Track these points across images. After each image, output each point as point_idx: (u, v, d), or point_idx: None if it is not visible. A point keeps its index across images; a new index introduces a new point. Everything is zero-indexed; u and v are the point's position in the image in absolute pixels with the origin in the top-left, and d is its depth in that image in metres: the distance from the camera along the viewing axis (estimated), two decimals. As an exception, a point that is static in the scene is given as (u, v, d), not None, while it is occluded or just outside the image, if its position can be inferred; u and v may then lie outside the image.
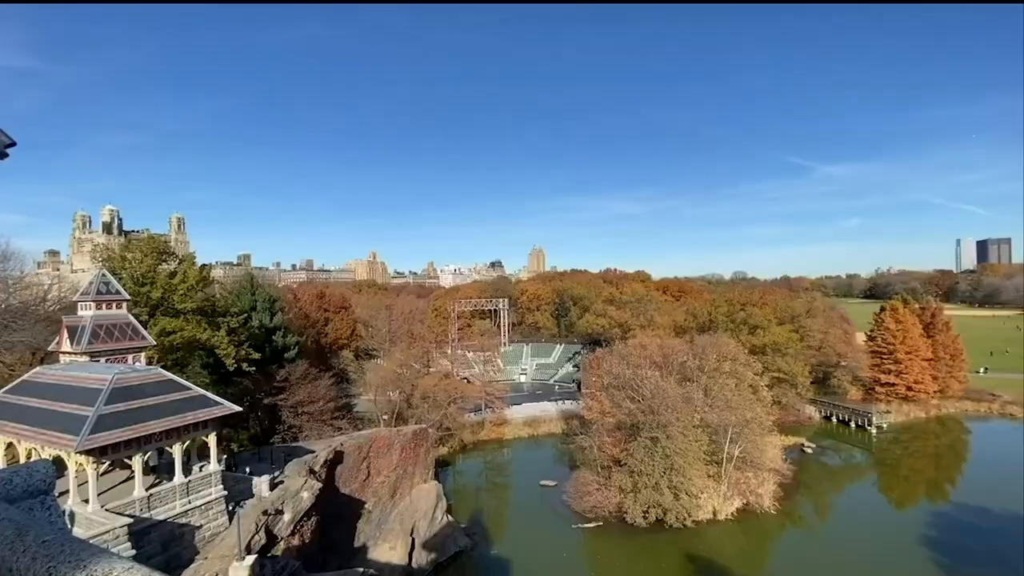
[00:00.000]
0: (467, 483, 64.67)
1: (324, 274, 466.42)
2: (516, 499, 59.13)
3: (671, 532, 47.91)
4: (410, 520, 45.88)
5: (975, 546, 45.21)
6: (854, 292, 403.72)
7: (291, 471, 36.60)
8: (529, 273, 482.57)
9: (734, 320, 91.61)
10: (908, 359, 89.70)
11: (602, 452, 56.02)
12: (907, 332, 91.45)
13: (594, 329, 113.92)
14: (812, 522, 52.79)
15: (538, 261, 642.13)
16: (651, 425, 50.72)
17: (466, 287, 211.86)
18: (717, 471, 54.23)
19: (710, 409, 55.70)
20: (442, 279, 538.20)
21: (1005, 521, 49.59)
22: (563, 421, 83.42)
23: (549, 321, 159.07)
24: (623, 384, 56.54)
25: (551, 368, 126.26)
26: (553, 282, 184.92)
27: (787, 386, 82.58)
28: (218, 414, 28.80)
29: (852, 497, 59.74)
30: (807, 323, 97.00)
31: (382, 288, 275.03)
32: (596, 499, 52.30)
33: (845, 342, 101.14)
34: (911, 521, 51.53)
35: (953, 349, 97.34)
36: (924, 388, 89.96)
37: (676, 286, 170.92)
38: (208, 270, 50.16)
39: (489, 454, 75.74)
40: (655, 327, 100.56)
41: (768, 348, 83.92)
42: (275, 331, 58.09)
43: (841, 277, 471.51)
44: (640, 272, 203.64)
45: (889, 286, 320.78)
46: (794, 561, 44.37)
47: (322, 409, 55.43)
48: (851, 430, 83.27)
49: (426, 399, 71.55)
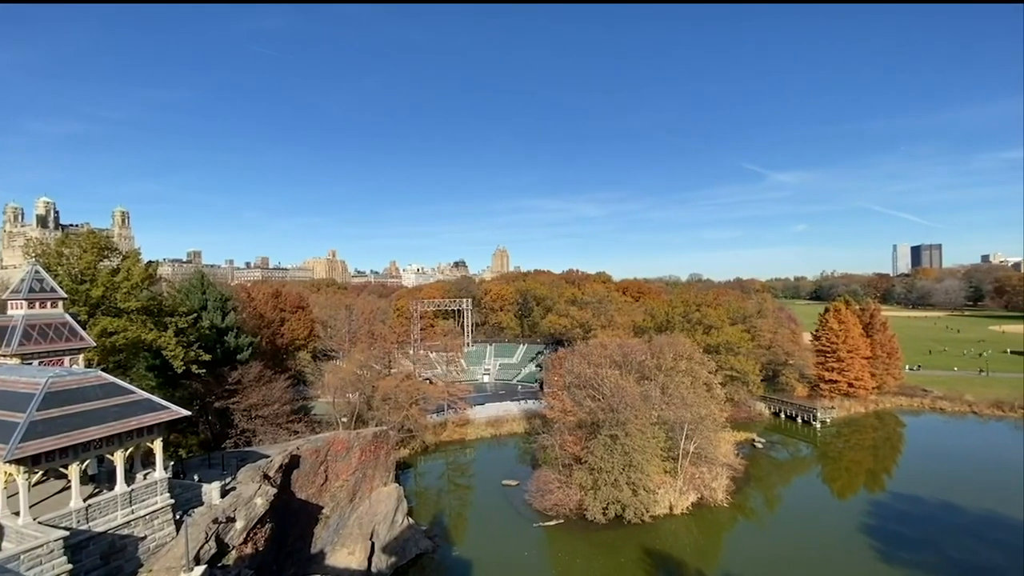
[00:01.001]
0: (429, 485, 64.10)
1: (280, 272, 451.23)
2: (478, 499, 59.04)
3: (629, 527, 49.05)
4: (369, 524, 45.07)
5: (909, 532, 48.43)
6: (801, 294, 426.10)
7: (244, 477, 35.26)
8: (493, 273, 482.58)
9: (690, 320, 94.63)
10: (849, 357, 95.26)
11: (563, 450, 56.74)
12: (849, 332, 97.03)
13: (557, 329, 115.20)
14: (762, 514, 55.11)
15: (502, 261, 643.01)
16: (611, 423, 51.75)
17: (429, 287, 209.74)
18: (673, 467, 55.95)
19: (667, 407, 57.35)
20: (405, 279, 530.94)
21: (935, 508, 53.45)
22: (526, 420, 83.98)
23: (512, 321, 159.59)
24: (584, 383, 57.42)
25: (514, 368, 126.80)
26: (517, 282, 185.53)
27: (739, 384, 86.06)
28: (164, 418, 27.40)
29: (798, 489, 62.82)
30: (758, 323, 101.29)
31: (342, 287, 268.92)
32: (557, 497, 52.91)
33: (793, 341, 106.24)
34: (852, 510, 54.69)
35: (890, 348, 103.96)
36: (864, 384, 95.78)
37: (636, 287, 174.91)
38: (155, 267, 47.60)
39: (451, 455, 75.32)
40: (615, 327, 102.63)
41: (721, 347, 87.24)
42: (227, 331, 55.81)
43: (789, 280, 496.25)
44: (601, 273, 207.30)
45: (833, 288, 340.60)
46: (745, 552, 46.24)
47: (277, 412, 53.58)
48: (798, 425, 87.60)
49: (387, 401, 70.42)
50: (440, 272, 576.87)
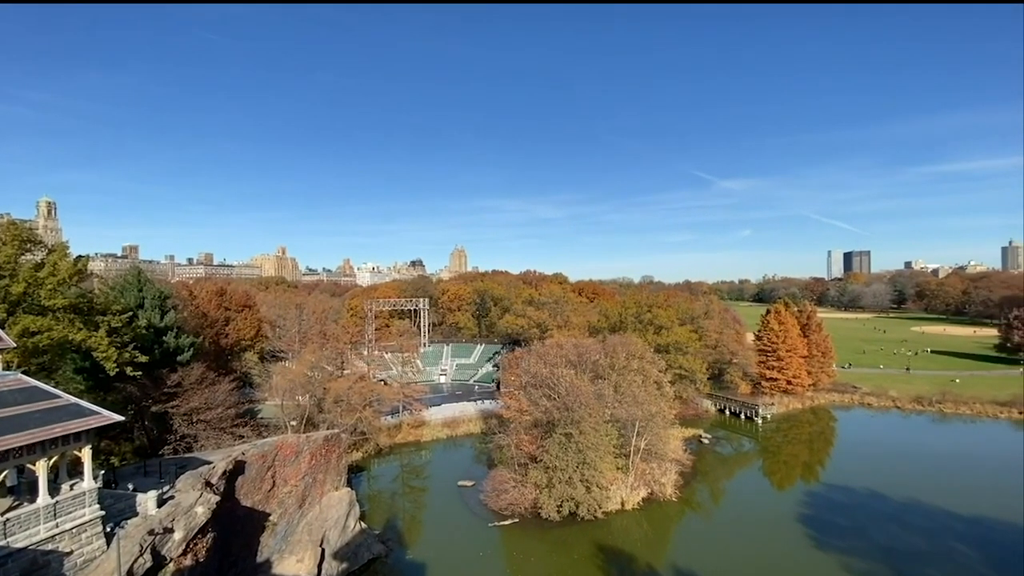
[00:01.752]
0: (383, 488, 62.88)
1: (226, 269, 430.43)
2: (433, 501, 58.45)
3: (583, 524, 49.95)
4: (320, 530, 43.75)
5: (840, 520, 51.74)
6: (745, 296, 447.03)
7: (183, 485, 33.46)
8: (451, 273, 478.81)
9: (642, 321, 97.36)
10: (788, 356, 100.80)
11: (519, 450, 57.09)
12: (788, 332, 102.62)
13: (514, 329, 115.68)
14: (708, 507, 57.44)
15: (460, 261, 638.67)
16: (566, 422, 52.53)
17: (385, 286, 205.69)
18: (625, 463, 57.43)
19: (619, 405, 58.78)
20: (359, 277, 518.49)
21: (863, 497, 57.39)
22: (482, 421, 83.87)
23: (470, 321, 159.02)
24: (540, 383, 57.99)
25: (471, 368, 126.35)
26: (474, 282, 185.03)
27: (687, 382, 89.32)
28: (94, 424, 25.58)
29: (742, 482, 65.85)
30: (705, 324, 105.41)
31: (292, 286, 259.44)
32: (513, 496, 53.16)
33: (737, 341, 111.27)
34: (790, 501, 57.89)
35: (824, 347, 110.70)
36: (801, 382, 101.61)
37: (591, 288, 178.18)
38: (85, 262, 44.20)
39: (406, 457, 74.21)
40: (571, 327, 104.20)
41: (671, 347, 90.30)
42: (166, 331, 52.71)
43: (734, 282, 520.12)
44: (558, 274, 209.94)
45: (774, 291, 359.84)
46: (692, 544, 48.05)
47: (221, 416, 51.10)
48: (741, 421, 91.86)
49: (339, 403, 68.53)
50: (396, 271, 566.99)
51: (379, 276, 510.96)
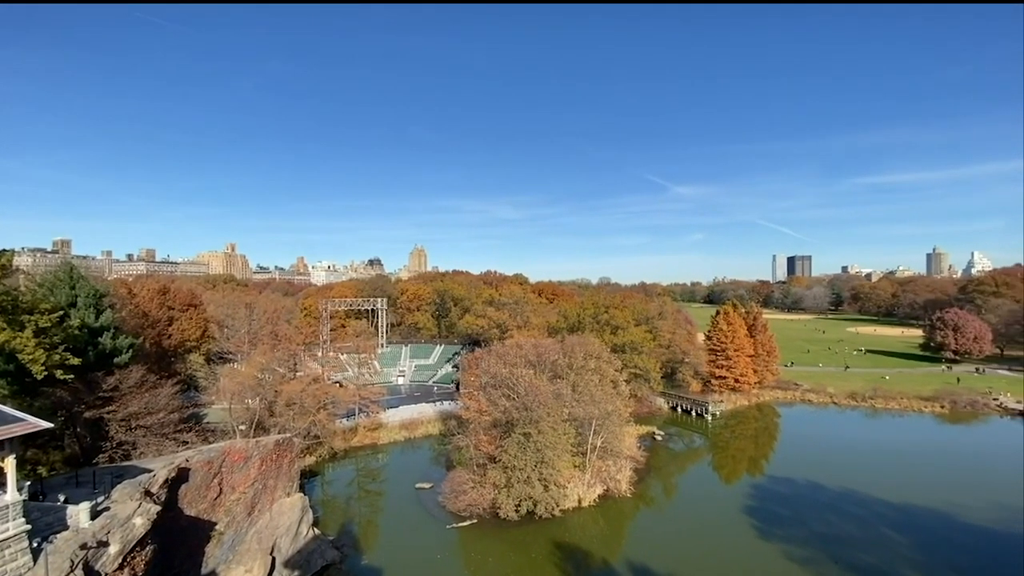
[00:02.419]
0: (337, 493, 61.31)
1: (170, 266, 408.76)
2: (390, 505, 57.51)
3: (541, 523, 50.47)
4: (270, 538, 42.25)
5: (782, 511, 54.51)
6: (696, 297, 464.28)
7: (120, 495, 31.54)
8: (410, 272, 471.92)
9: (599, 321, 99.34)
10: (736, 355, 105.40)
11: (478, 450, 57.04)
12: (736, 333, 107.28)
13: (474, 329, 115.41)
14: (661, 501, 59.21)
15: (419, 260, 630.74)
16: (525, 421, 52.92)
17: (341, 285, 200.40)
18: (582, 461, 58.47)
19: (577, 404, 59.79)
20: (314, 276, 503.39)
21: (803, 488, 60.73)
22: (441, 422, 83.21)
23: (429, 322, 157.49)
24: (500, 383, 58.16)
25: (430, 369, 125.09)
26: (434, 282, 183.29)
27: (642, 381, 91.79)
28: (18, 432, 23.73)
29: (693, 477, 68.31)
30: (659, 324, 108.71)
31: (242, 284, 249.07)
32: (471, 497, 53.04)
33: (689, 341, 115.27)
34: (737, 493, 60.53)
35: (769, 347, 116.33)
36: (747, 380, 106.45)
37: (550, 289, 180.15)
38: (9, 257, 40.81)
39: (362, 461, 72.65)
40: (531, 327, 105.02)
41: (627, 347, 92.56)
42: (102, 332, 49.43)
43: (687, 284, 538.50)
44: (518, 275, 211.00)
45: (723, 293, 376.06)
46: (646, 538, 49.44)
47: (163, 421, 48.42)
48: (692, 418, 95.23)
49: (291, 406, 66.30)
50: (353, 270, 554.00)
51: (335, 275, 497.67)
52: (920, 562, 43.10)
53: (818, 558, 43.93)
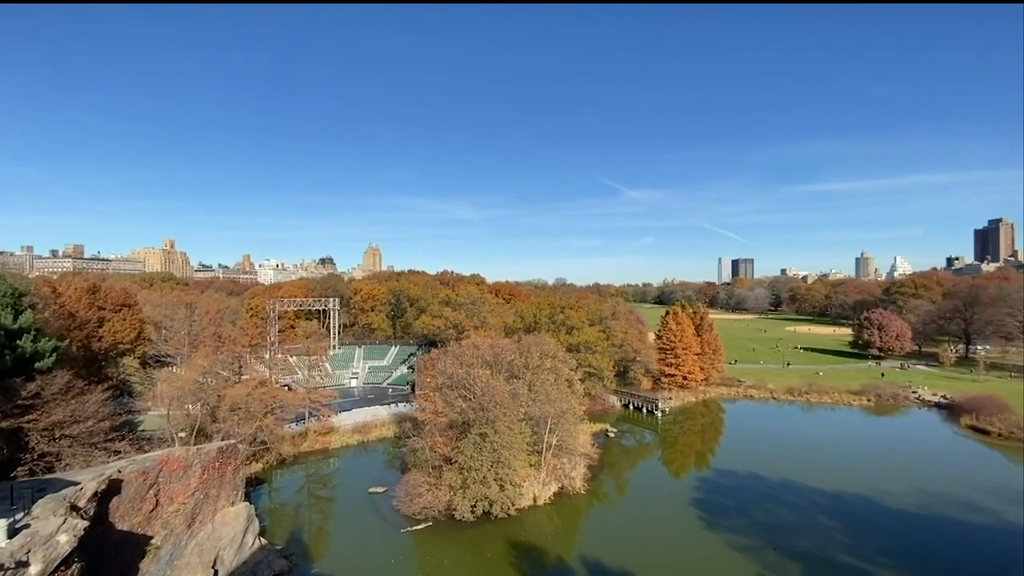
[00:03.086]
0: (286, 500, 59.07)
1: (100, 264, 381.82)
2: (342, 511, 55.99)
3: (496, 523, 50.57)
4: (212, 550, 40.21)
5: (727, 502, 57.04)
6: (648, 298, 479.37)
7: (42, 511, 29.18)
8: (364, 272, 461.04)
9: (555, 321, 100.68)
10: (684, 354, 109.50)
11: (434, 452, 56.48)
12: (684, 332, 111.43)
13: (430, 330, 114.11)
14: (614, 497, 60.62)
15: (374, 260, 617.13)
16: (481, 421, 52.87)
17: (291, 284, 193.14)
18: (538, 460, 59.04)
19: (533, 403, 60.31)
20: (261, 275, 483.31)
21: (746, 479, 63.82)
22: (396, 424, 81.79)
23: (384, 322, 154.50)
24: (456, 383, 57.83)
25: (385, 371, 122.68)
26: (389, 282, 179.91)
27: (596, 379, 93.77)
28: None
29: (644, 472, 70.37)
30: (612, 324, 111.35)
31: (182, 283, 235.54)
32: (427, 500, 52.46)
33: (640, 340, 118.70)
34: (685, 487, 62.87)
35: (715, 345, 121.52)
36: (695, 377, 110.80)
37: (507, 289, 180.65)
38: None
39: (313, 466, 70.31)
40: (487, 328, 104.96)
41: (581, 346, 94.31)
42: (21, 334, 45.45)
43: (639, 285, 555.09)
44: (475, 275, 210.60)
45: (673, 294, 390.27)
46: (599, 534, 50.48)
47: (91, 430, 45.19)
48: (643, 415, 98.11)
49: (236, 411, 63.35)
50: (304, 269, 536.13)
51: (284, 274, 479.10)
52: (850, 545, 46.27)
53: (759, 546, 46.31)
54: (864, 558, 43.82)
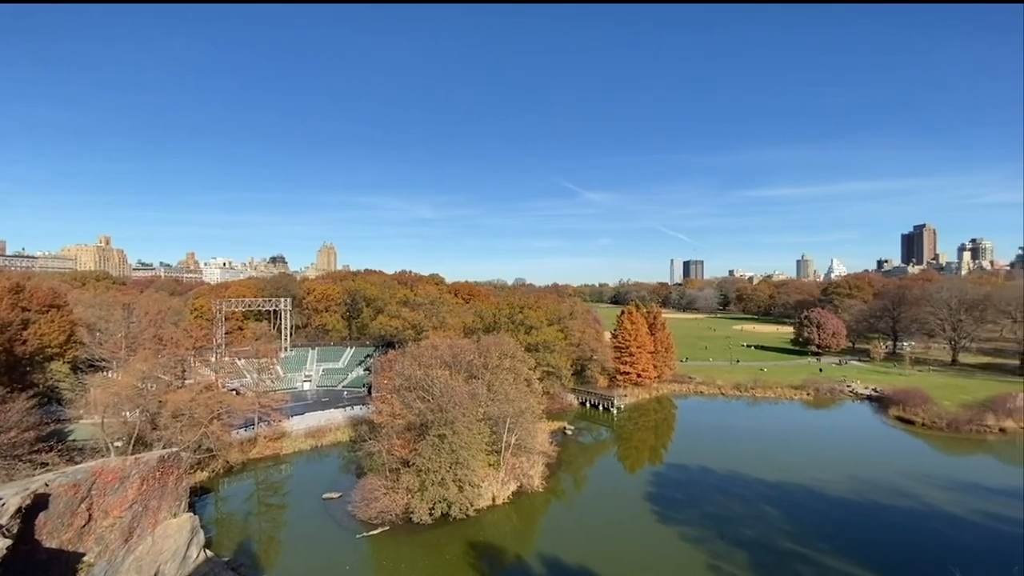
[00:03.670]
0: (234, 509, 56.57)
1: (25, 261, 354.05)
2: (294, 518, 54.18)
3: (455, 524, 50.34)
4: (152, 565, 38.07)
5: (678, 495, 59.08)
6: (604, 298, 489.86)
7: (-43, 531, 26.75)
8: (318, 271, 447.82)
9: (514, 321, 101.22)
10: (639, 352, 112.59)
11: (391, 455, 55.60)
12: (638, 331, 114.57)
13: (387, 331, 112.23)
14: (571, 494, 61.55)
15: (328, 259, 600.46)
16: (440, 423, 52.47)
17: (239, 284, 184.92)
18: (497, 459, 59.20)
19: (492, 403, 60.41)
20: (207, 274, 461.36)
21: (696, 473, 66.31)
22: (351, 428, 79.86)
23: (339, 323, 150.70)
24: (415, 385, 57.17)
25: (340, 373, 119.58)
26: (345, 282, 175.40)
27: (554, 378, 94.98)
28: None
29: (600, 468, 71.82)
30: (570, 324, 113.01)
31: (118, 282, 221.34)
32: (383, 504, 51.56)
33: (597, 339, 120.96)
34: (639, 482, 64.65)
35: (667, 344, 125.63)
36: (648, 375, 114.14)
37: (467, 289, 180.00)
38: None
39: (263, 473, 67.68)
40: (447, 328, 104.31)
41: (540, 345, 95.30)
42: (-69, 339, 41.49)
43: (595, 286, 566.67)
44: (434, 275, 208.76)
45: (628, 294, 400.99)
46: (557, 531, 51.18)
47: (15, 441, 41.93)
48: (600, 412, 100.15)
49: (179, 417, 60.13)
50: (253, 268, 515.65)
51: (232, 273, 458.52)
52: (791, 532, 48.98)
53: (708, 536, 48.27)
54: (804, 543, 46.50)
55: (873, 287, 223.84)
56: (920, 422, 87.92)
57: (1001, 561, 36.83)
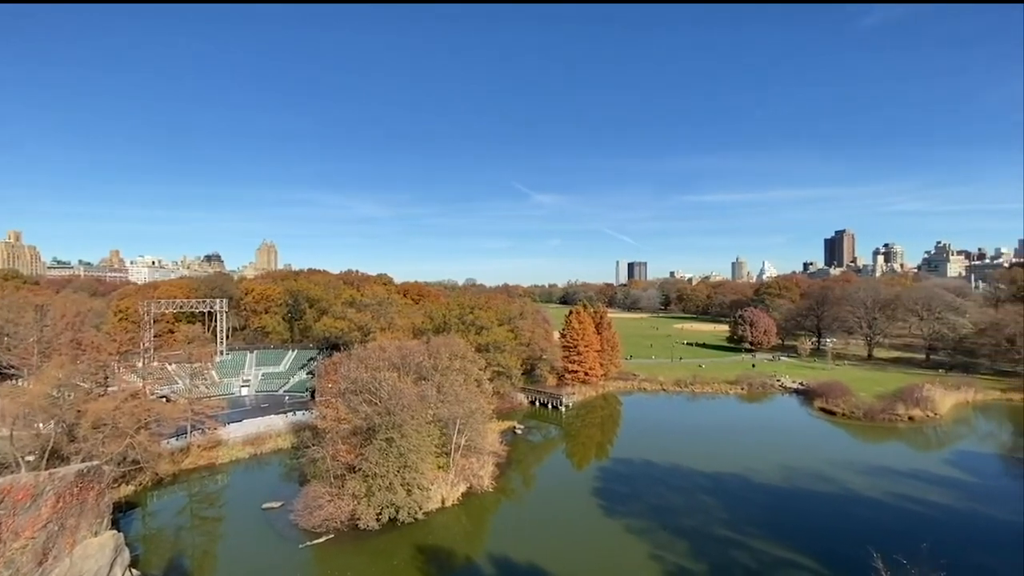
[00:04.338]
0: (164, 524, 53.12)
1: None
2: (232, 531, 51.56)
3: (404, 528, 49.65)
4: (71, 588, 35.12)
5: (623, 489, 61.06)
6: (553, 298, 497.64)
7: None
8: (257, 270, 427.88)
9: (464, 322, 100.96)
10: (586, 351, 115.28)
11: (336, 461, 54.06)
12: (586, 330, 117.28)
13: (332, 333, 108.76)
14: (521, 493, 62.16)
15: (268, 257, 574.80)
16: (387, 426, 51.56)
17: (169, 284, 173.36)
18: (446, 461, 58.88)
19: (442, 404, 60.03)
20: (133, 273, 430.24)
21: (640, 467, 68.78)
22: (293, 434, 76.90)
23: (280, 325, 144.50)
24: (361, 388, 55.84)
25: (281, 377, 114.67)
26: (286, 281, 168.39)
27: (504, 378, 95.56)
28: None
29: (549, 466, 73.00)
30: (520, 324, 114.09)
31: (30, 282, 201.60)
32: (328, 511, 50.04)
33: (546, 339, 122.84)
34: (587, 477, 66.29)
35: (613, 342, 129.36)
36: (595, 373, 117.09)
37: (416, 290, 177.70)
38: None
39: (197, 484, 63.91)
40: (395, 329, 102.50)
41: (491, 346, 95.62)
42: None
43: (545, 286, 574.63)
44: (383, 275, 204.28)
45: (576, 294, 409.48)
46: (507, 530, 51.56)
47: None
48: (549, 410, 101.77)
49: (101, 428, 55.67)
50: (186, 267, 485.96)
51: (162, 272, 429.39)
52: (727, 520, 51.85)
53: (651, 527, 50.27)
54: (738, 530, 49.39)
55: (800, 288, 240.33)
56: (841, 412, 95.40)
57: (913, 538, 40.62)
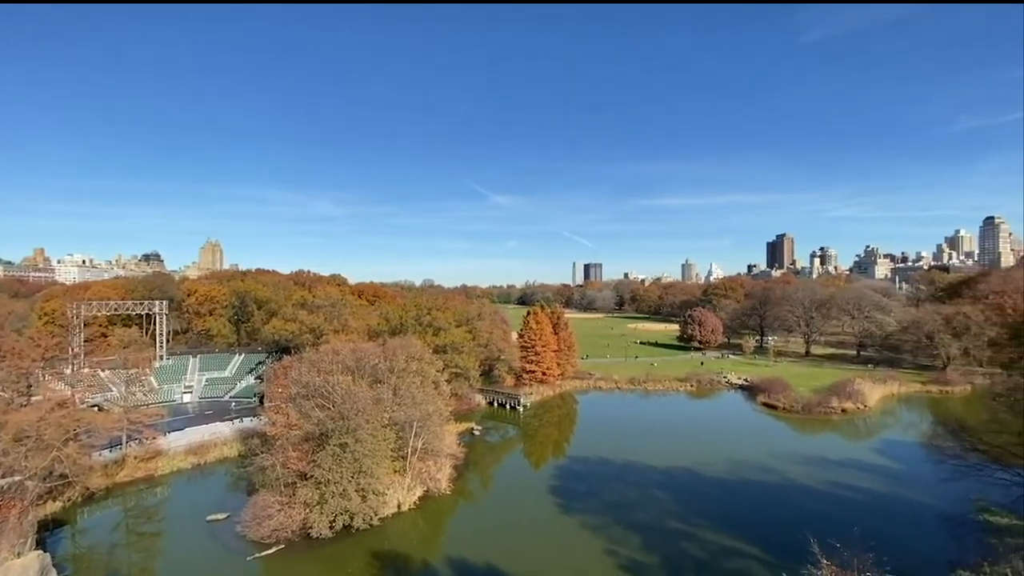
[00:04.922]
0: (96, 542, 49.61)
1: None
2: (172, 546, 48.79)
3: (359, 535, 48.57)
4: (-13, 617, 32.30)
5: (580, 487, 62.16)
6: (511, 299, 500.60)
7: None
8: (201, 270, 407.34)
9: (422, 323, 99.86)
10: (543, 351, 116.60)
11: (287, 468, 52.14)
12: (543, 330, 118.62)
13: (282, 335, 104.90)
14: (479, 494, 62.06)
15: (213, 257, 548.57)
16: (341, 431, 50.28)
17: (102, 284, 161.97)
18: (402, 465, 58.02)
19: (398, 407, 59.08)
20: (60, 273, 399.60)
21: (596, 464, 70.22)
22: (240, 442, 73.52)
23: (225, 328, 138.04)
24: (313, 392, 54.15)
25: (227, 383, 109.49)
26: (233, 282, 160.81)
27: (462, 379, 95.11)
28: None
29: (507, 466, 73.28)
30: (478, 325, 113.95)
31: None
32: (278, 521, 48.22)
33: (504, 340, 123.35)
34: (544, 476, 67.02)
35: (570, 342, 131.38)
36: (552, 372, 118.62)
37: (372, 290, 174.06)
38: None
39: (133, 498, 60.05)
40: (350, 331, 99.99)
41: (448, 347, 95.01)
42: None
43: (503, 287, 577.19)
44: (336, 276, 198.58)
45: (534, 295, 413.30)
46: (465, 532, 51.37)
47: None
48: (507, 411, 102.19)
49: (23, 441, 51.30)
50: (121, 266, 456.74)
51: (94, 272, 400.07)
52: (678, 513, 53.80)
53: (607, 523, 51.46)
54: (688, 522, 51.35)
55: (744, 288, 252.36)
56: (782, 407, 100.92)
57: (846, 523, 43.52)
